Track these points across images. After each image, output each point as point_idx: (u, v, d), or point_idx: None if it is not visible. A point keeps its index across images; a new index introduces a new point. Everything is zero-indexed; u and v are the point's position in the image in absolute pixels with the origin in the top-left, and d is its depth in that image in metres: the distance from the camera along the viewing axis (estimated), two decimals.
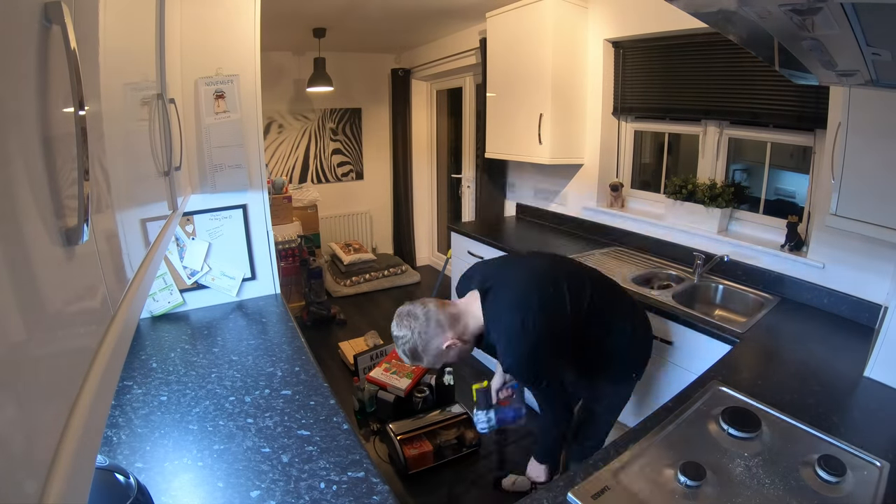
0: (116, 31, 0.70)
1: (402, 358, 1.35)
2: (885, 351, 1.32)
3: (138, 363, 1.50)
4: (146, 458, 1.08)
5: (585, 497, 0.92)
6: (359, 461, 1.06)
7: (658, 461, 1.01)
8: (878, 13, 0.63)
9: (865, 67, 0.93)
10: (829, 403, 1.25)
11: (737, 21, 0.93)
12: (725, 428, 1.12)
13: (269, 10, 1.95)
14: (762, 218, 2.21)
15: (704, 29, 1.94)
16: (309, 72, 4.05)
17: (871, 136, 1.38)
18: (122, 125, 0.75)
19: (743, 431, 1.11)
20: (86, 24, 0.53)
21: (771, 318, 1.81)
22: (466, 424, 2.41)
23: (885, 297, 1.60)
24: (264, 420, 1.21)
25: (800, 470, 0.99)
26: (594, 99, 2.81)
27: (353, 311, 4.12)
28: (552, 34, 2.61)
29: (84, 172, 0.41)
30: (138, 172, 0.84)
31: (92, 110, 0.53)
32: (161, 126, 1.08)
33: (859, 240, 1.69)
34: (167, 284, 1.86)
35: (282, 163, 4.71)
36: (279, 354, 1.56)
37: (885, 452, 1.04)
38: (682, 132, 2.55)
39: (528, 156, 2.91)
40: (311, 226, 4.45)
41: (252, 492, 0.98)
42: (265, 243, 2.02)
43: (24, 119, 0.35)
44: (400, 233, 5.26)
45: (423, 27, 3.71)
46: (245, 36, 1.79)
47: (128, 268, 0.65)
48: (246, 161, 1.86)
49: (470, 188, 4.39)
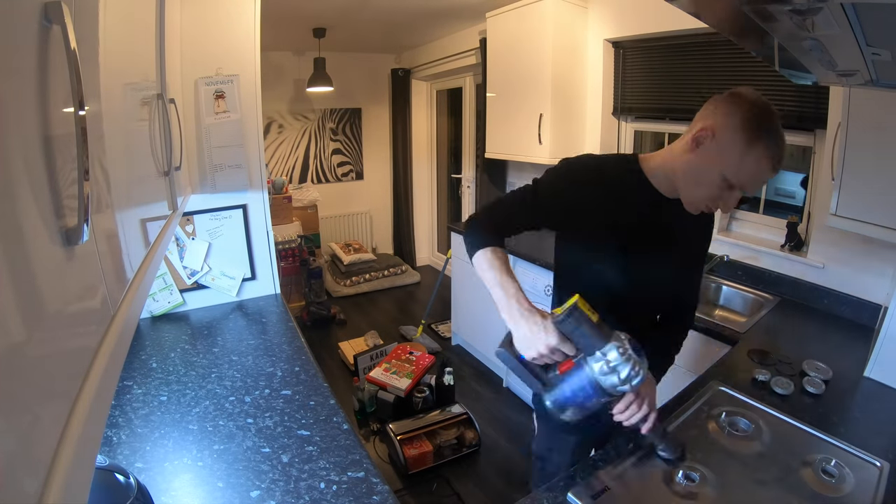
0: (116, 31, 0.70)
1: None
2: (885, 351, 1.32)
3: (138, 363, 1.50)
4: (146, 458, 1.08)
5: (585, 497, 0.92)
6: (359, 461, 1.06)
7: (658, 461, 1.01)
8: (878, 13, 0.63)
9: (865, 67, 0.93)
10: (828, 403, 1.25)
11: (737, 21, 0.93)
12: (725, 428, 1.12)
13: (269, 10, 1.96)
14: (762, 218, 2.21)
15: (704, 29, 1.94)
16: (309, 72, 4.05)
17: (871, 137, 1.38)
18: (122, 125, 0.75)
19: (743, 431, 1.11)
20: (86, 24, 0.53)
21: (771, 318, 1.81)
22: (466, 424, 2.41)
23: (885, 297, 1.59)
24: (264, 420, 1.21)
25: (800, 470, 0.99)
26: (594, 99, 2.81)
27: (353, 311, 4.12)
28: (552, 34, 2.61)
29: (84, 172, 0.41)
30: (138, 172, 0.84)
31: (92, 110, 0.53)
32: (161, 126, 1.08)
33: (859, 240, 1.69)
34: (167, 284, 1.86)
35: (282, 163, 4.71)
36: (279, 354, 1.56)
37: (885, 452, 1.04)
38: (682, 132, 2.54)
39: (528, 156, 2.91)
40: (311, 226, 4.45)
41: (252, 492, 0.98)
42: (265, 243, 2.03)
43: (24, 119, 0.35)
44: (400, 233, 5.26)
45: (423, 27, 3.71)
46: (245, 36, 1.79)
47: (128, 268, 0.65)
48: (246, 161, 1.86)
49: (470, 188, 4.39)
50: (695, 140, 0.97)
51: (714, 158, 0.94)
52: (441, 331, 3.72)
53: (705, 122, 0.97)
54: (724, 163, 0.92)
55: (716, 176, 0.94)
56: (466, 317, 3.32)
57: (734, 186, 0.94)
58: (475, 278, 3.13)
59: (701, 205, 0.99)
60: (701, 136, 0.96)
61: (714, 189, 0.95)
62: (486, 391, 2.97)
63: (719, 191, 0.95)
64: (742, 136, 0.90)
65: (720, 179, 0.93)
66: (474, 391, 2.96)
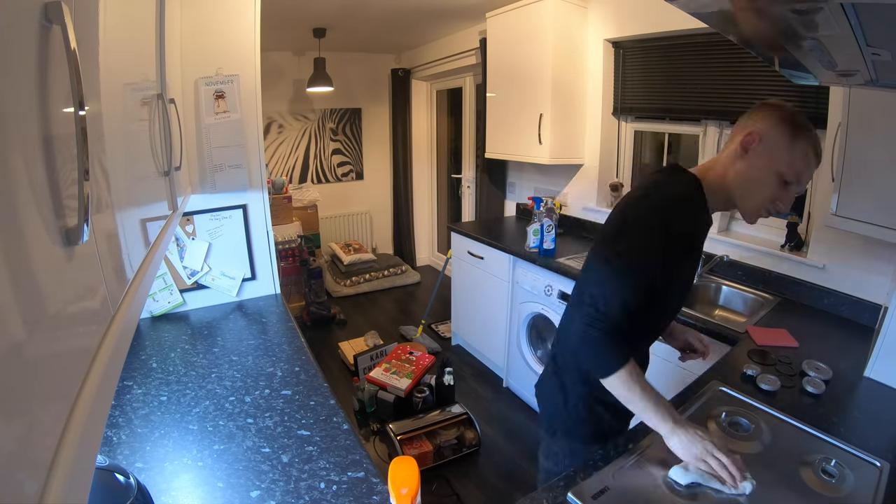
0: (116, 31, 0.70)
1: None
2: (885, 351, 1.32)
3: (138, 363, 1.50)
4: (146, 458, 1.08)
5: (585, 497, 0.92)
6: (359, 461, 1.06)
7: (658, 461, 1.01)
8: (878, 13, 0.63)
9: (865, 67, 0.93)
10: (829, 403, 1.25)
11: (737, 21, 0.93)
12: (725, 428, 1.12)
13: (269, 10, 1.96)
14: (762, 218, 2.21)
15: (704, 29, 1.94)
16: (309, 72, 4.05)
17: (871, 137, 1.38)
18: (122, 125, 0.75)
19: (743, 431, 1.11)
20: (86, 24, 0.53)
21: (771, 318, 1.81)
22: (466, 424, 2.41)
23: (885, 297, 1.59)
24: (264, 420, 1.21)
25: (800, 470, 0.99)
26: (594, 99, 2.81)
27: (353, 311, 4.12)
28: (552, 34, 2.61)
29: (84, 172, 0.41)
30: (138, 172, 0.84)
31: (92, 110, 0.53)
32: (161, 126, 1.08)
33: (859, 240, 1.69)
34: (167, 284, 1.86)
35: (282, 163, 4.71)
36: (279, 354, 1.56)
37: (885, 452, 1.04)
38: (682, 132, 2.55)
39: (528, 156, 2.91)
40: (311, 226, 4.45)
41: (252, 492, 0.98)
42: (265, 243, 2.03)
43: (24, 119, 0.35)
44: (400, 233, 5.26)
45: (423, 27, 3.71)
46: (245, 36, 1.79)
47: (128, 268, 0.65)
48: (246, 161, 1.86)
49: (470, 188, 4.40)
50: (743, 147, 1.01)
51: (766, 159, 0.99)
52: (441, 331, 3.72)
53: (747, 129, 1.02)
54: (777, 160, 0.98)
55: (771, 176, 0.99)
56: (466, 317, 3.32)
57: (790, 182, 0.99)
58: (475, 278, 3.14)
59: (762, 210, 1.04)
60: (748, 140, 1.01)
61: (772, 189, 1.00)
62: (486, 391, 2.97)
63: (777, 190, 1.00)
64: (786, 130, 0.97)
65: (776, 178, 0.99)
66: (474, 391, 2.96)
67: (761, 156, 1.00)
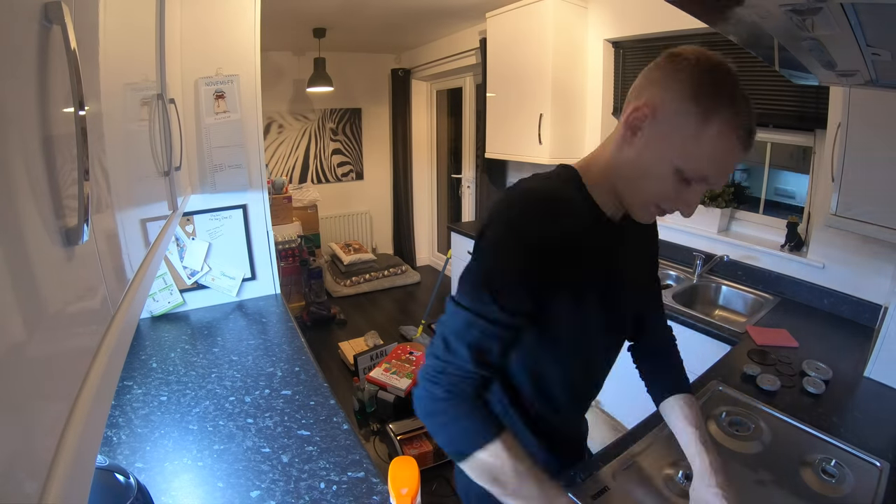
0: (116, 31, 0.70)
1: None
2: (885, 351, 1.32)
3: (138, 363, 1.50)
4: (146, 458, 1.08)
5: (585, 497, 0.92)
6: (359, 461, 1.06)
7: (658, 461, 1.01)
8: (878, 13, 0.63)
9: (865, 67, 0.93)
10: (828, 403, 1.25)
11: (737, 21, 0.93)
12: (725, 428, 1.12)
13: (269, 10, 1.95)
14: (762, 218, 2.21)
15: (704, 29, 1.94)
16: (309, 72, 4.05)
17: (871, 137, 1.38)
18: (122, 125, 0.75)
19: (743, 431, 1.11)
20: (86, 24, 0.53)
21: (771, 318, 1.81)
22: None
23: (885, 297, 1.59)
24: (264, 420, 1.21)
25: (800, 470, 0.99)
26: (594, 99, 2.81)
27: (353, 311, 4.12)
28: (552, 34, 2.61)
29: (84, 172, 0.41)
30: (138, 172, 0.84)
31: (92, 110, 0.53)
32: (161, 126, 1.08)
33: (859, 240, 1.69)
34: (167, 284, 1.86)
35: (282, 163, 4.71)
36: (279, 354, 1.56)
37: (885, 452, 1.04)
38: None
39: (528, 156, 2.91)
40: (311, 226, 4.45)
41: (252, 492, 0.98)
42: (265, 243, 2.03)
43: (24, 119, 0.35)
44: (400, 233, 5.26)
45: (423, 27, 3.71)
46: (245, 36, 1.79)
47: (128, 268, 0.65)
48: (246, 161, 1.86)
49: (470, 188, 4.40)
50: (628, 127, 0.70)
51: (658, 146, 0.68)
52: None
53: (638, 99, 0.69)
54: (674, 148, 0.66)
55: (665, 168, 0.68)
56: None
57: (690, 180, 0.68)
58: None
59: (651, 208, 0.73)
60: (635, 119, 0.69)
61: (664, 186, 0.69)
62: None
63: (672, 189, 0.69)
64: (692, 106, 0.64)
65: (671, 172, 0.67)
66: None
67: (652, 141, 0.68)
